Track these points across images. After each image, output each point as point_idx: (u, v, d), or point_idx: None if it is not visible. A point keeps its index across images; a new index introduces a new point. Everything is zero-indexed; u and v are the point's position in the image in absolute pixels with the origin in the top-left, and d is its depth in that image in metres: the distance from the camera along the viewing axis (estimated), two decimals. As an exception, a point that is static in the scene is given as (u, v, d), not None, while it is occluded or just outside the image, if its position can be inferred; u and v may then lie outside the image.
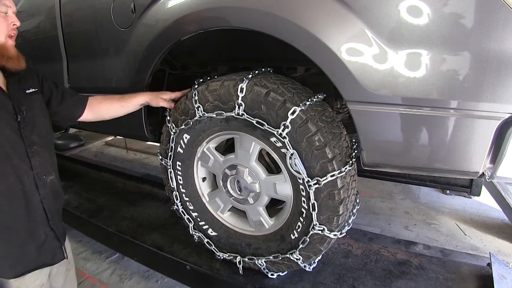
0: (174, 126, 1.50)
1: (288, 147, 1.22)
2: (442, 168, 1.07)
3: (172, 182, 1.64)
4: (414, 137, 1.06)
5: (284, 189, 1.37)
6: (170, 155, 1.57)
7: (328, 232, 1.29)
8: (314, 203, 1.25)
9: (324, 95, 1.31)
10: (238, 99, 1.26)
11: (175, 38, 1.41)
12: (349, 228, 1.41)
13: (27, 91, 1.21)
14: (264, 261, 1.50)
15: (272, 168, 1.46)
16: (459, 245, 2.32)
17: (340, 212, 1.25)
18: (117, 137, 4.68)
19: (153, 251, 1.85)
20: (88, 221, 2.23)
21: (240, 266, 1.58)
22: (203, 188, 1.64)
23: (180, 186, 1.64)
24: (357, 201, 1.49)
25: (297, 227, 1.36)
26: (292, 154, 1.22)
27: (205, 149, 1.52)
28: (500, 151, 0.98)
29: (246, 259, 1.55)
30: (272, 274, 1.53)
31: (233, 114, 1.29)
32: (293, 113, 1.18)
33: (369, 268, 1.60)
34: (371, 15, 1.00)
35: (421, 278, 1.53)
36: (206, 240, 1.67)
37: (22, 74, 1.22)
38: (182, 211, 1.69)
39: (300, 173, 1.23)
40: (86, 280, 2.12)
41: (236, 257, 1.58)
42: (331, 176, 1.19)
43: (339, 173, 1.20)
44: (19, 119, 1.14)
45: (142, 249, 1.91)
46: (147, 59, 1.55)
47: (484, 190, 2.38)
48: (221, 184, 1.53)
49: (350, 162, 1.25)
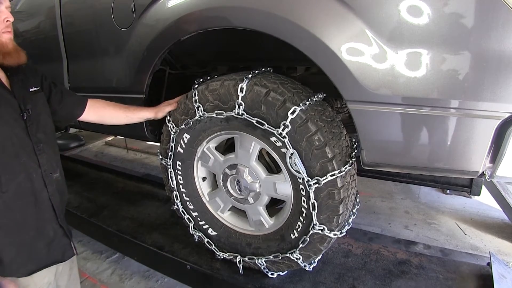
0: (174, 126, 1.50)
1: (288, 147, 1.22)
2: (442, 168, 1.07)
3: (172, 182, 1.64)
4: (414, 137, 1.06)
5: (284, 189, 1.37)
6: (170, 155, 1.57)
7: (328, 232, 1.29)
8: (314, 203, 1.25)
9: (324, 95, 1.31)
10: (238, 99, 1.26)
11: (175, 38, 1.41)
12: (349, 228, 1.41)
13: (31, 90, 1.21)
14: (264, 261, 1.51)
15: (272, 168, 1.47)
16: (459, 245, 2.32)
17: (340, 212, 1.26)
18: (118, 137, 4.68)
19: (154, 251, 1.85)
20: (89, 221, 2.24)
21: (240, 266, 1.58)
22: (203, 188, 1.64)
23: (180, 186, 1.64)
24: (357, 201, 1.49)
25: (297, 227, 1.37)
26: (292, 154, 1.22)
27: (205, 149, 1.52)
28: (500, 151, 0.98)
29: (246, 259, 1.55)
30: (272, 274, 1.53)
31: (233, 114, 1.30)
32: (293, 113, 1.18)
33: (369, 268, 1.60)
34: (371, 15, 1.01)
35: (421, 278, 1.53)
36: (206, 240, 1.67)
37: (25, 73, 1.22)
38: (182, 211, 1.69)
39: (300, 173, 1.23)
40: (87, 280, 2.12)
41: (236, 257, 1.58)
42: (331, 176, 1.19)
43: (339, 173, 1.20)
44: (25, 117, 1.14)
45: (142, 249, 1.91)
46: (147, 59, 1.55)
47: (484, 190, 2.38)
48: (221, 184, 1.53)
49: (350, 162, 1.25)
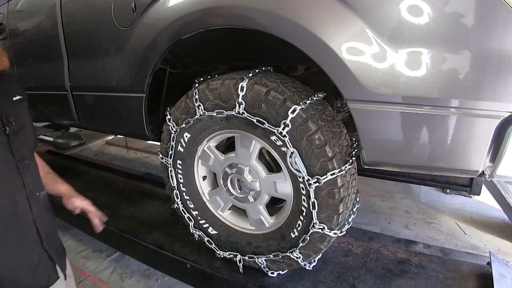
0: (175, 125, 1.50)
1: (288, 146, 1.22)
2: (442, 167, 1.07)
3: (173, 181, 1.64)
4: (414, 136, 1.06)
5: (284, 188, 1.37)
6: (171, 154, 1.57)
7: (328, 231, 1.29)
8: (314, 202, 1.25)
9: (324, 94, 1.31)
10: (239, 98, 1.27)
11: (176, 37, 1.41)
12: (349, 227, 1.41)
13: (14, 99, 1.08)
14: (264, 260, 1.51)
15: (273, 167, 1.47)
16: (459, 244, 2.32)
17: (340, 211, 1.26)
18: (118, 136, 4.68)
19: (154, 250, 1.85)
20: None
21: (240, 265, 1.58)
22: (204, 187, 1.65)
23: (181, 185, 1.64)
24: (357, 200, 1.49)
25: (297, 226, 1.37)
26: (292, 153, 1.23)
27: (206, 148, 1.52)
28: (500, 150, 0.98)
29: (246, 258, 1.56)
30: (272, 273, 1.54)
31: (234, 113, 1.30)
32: (293, 112, 1.18)
33: (369, 267, 1.60)
34: (371, 14, 1.01)
35: (421, 277, 1.53)
36: (207, 239, 1.67)
37: (7, 79, 1.09)
38: (183, 210, 1.69)
39: (300, 172, 1.23)
40: (87, 279, 2.12)
41: (236, 256, 1.58)
42: (331, 175, 1.20)
43: (339, 172, 1.20)
44: (8, 132, 1.01)
45: (143, 248, 1.92)
46: (148, 58, 1.55)
47: (484, 189, 2.38)
48: (222, 183, 1.53)
49: (350, 161, 1.25)
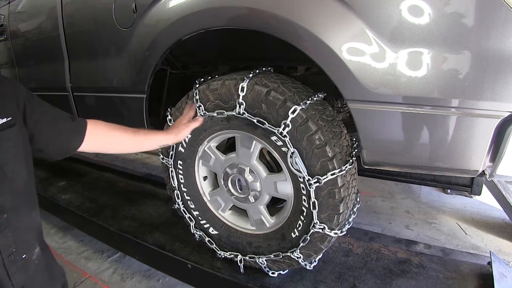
0: (175, 125, 1.50)
1: (289, 146, 1.23)
2: (442, 167, 1.07)
3: (173, 181, 1.64)
4: (414, 136, 1.06)
5: (285, 188, 1.37)
6: (171, 154, 1.58)
7: (329, 231, 1.29)
8: (315, 202, 1.25)
9: (325, 94, 1.31)
10: (239, 98, 1.27)
11: (176, 38, 1.42)
12: (350, 227, 1.41)
13: None
14: (265, 260, 1.51)
15: (273, 167, 1.47)
16: (460, 244, 2.32)
17: (341, 211, 1.26)
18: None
19: (155, 250, 1.85)
20: (90, 220, 2.24)
21: (241, 265, 1.59)
22: (204, 187, 1.65)
23: (181, 185, 1.64)
24: (358, 200, 1.49)
25: (298, 226, 1.37)
26: (293, 153, 1.23)
27: (206, 148, 1.52)
28: (500, 150, 0.98)
29: (247, 258, 1.56)
30: (273, 273, 1.54)
31: (234, 113, 1.30)
32: (294, 112, 1.19)
33: (370, 267, 1.61)
34: (371, 15, 1.01)
35: (422, 277, 1.53)
36: (207, 239, 1.67)
37: None
38: (183, 210, 1.69)
39: (301, 172, 1.23)
40: (88, 279, 2.12)
41: (237, 256, 1.59)
42: (332, 175, 1.20)
43: (340, 172, 1.20)
44: None
45: (144, 248, 1.92)
46: (149, 59, 1.55)
47: (485, 189, 2.38)
48: (222, 183, 1.54)
49: (351, 161, 1.26)
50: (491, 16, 0.90)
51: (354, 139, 1.34)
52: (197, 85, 1.42)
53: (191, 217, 1.69)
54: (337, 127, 1.28)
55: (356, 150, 1.31)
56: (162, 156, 1.63)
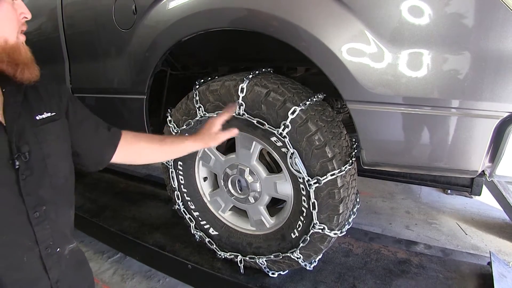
0: (176, 126, 1.51)
1: (289, 147, 1.23)
2: (442, 167, 1.08)
3: (174, 182, 1.65)
4: (414, 136, 1.06)
5: (285, 188, 1.37)
6: (172, 155, 1.58)
7: (329, 231, 1.30)
8: (315, 202, 1.26)
9: (324, 95, 1.32)
10: (239, 99, 1.27)
11: (176, 39, 1.42)
12: (350, 227, 1.42)
13: (38, 117, 0.80)
14: (265, 260, 1.51)
15: (273, 168, 1.47)
16: (460, 245, 2.32)
17: (340, 211, 1.26)
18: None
19: (155, 251, 1.86)
20: (91, 221, 2.24)
21: (241, 265, 1.59)
22: (204, 188, 1.65)
23: (182, 186, 1.65)
24: (357, 200, 1.49)
25: (298, 226, 1.37)
26: (293, 154, 1.23)
27: (206, 149, 1.53)
28: (499, 150, 0.98)
29: (247, 258, 1.56)
30: (273, 273, 1.54)
31: (234, 114, 1.30)
32: (293, 113, 1.19)
33: (370, 267, 1.61)
34: (371, 16, 1.01)
35: (421, 277, 1.53)
36: (207, 240, 1.68)
37: (34, 92, 0.83)
38: (184, 211, 1.69)
39: (301, 172, 1.24)
40: (88, 280, 2.12)
41: (237, 256, 1.59)
42: (331, 175, 1.20)
43: (339, 172, 1.21)
44: (17, 165, 0.72)
45: (144, 249, 1.92)
46: (149, 60, 1.56)
47: (485, 190, 2.38)
48: (222, 184, 1.54)
49: (350, 161, 1.26)
50: (490, 17, 0.90)
51: (354, 140, 1.35)
52: (197, 86, 1.42)
53: (191, 218, 1.69)
54: (337, 128, 1.28)
55: (356, 151, 1.31)
56: (162, 157, 1.64)
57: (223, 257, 1.65)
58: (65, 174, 0.85)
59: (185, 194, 1.66)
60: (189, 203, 1.67)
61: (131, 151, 1.03)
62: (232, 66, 1.91)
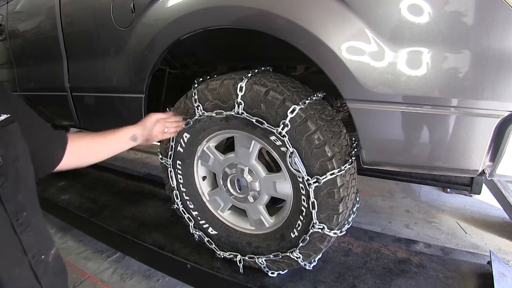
0: (174, 125, 1.50)
1: (288, 146, 1.22)
2: (442, 166, 1.07)
3: (173, 181, 1.64)
4: (414, 135, 1.06)
5: (284, 188, 1.37)
6: (170, 154, 1.57)
7: (328, 231, 1.29)
8: (314, 202, 1.25)
9: (324, 94, 1.31)
10: (238, 98, 1.26)
11: (175, 38, 1.41)
12: (350, 227, 1.41)
13: None
14: (265, 260, 1.51)
15: (272, 167, 1.47)
16: (460, 244, 2.32)
17: (340, 211, 1.26)
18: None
19: (154, 250, 1.85)
20: (89, 221, 2.24)
21: (241, 265, 1.58)
22: (203, 187, 1.65)
23: (181, 185, 1.64)
24: (357, 200, 1.49)
25: (297, 226, 1.37)
26: (292, 153, 1.22)
27: (205, 148, 1.52)
28: (500, 149, 0.98)
29: (247, 258, 1.56)
30: (273, 273, 1.53)
31: (233, 113, 1.30)
32: (293, 112, 1.18)
33: (370, 267, 1.60)
34: (371, 14, 1.00)
35: (421, 276, 1.53)
36: (207, 239, 1.67)
37: None
38: (183, 210, 1.69)
39: (300, 172, 1.23)
40: (88, 279, 2.12)
41: (237, 256, 1.58)
42: (331, 175, 1.19)
43: (339, 172, 1.20)
44: None
45: (143, 248, 1.92)
46: (147, 59, 1.55)
47: (485, 189, 2.37)
48: (221, 183, 1.53)
49: (350, 161, 1.25)
50: (491, 15, 0.90)
51: (354, 139, 1.34)
52: (196, 85, 1.41)
53: (191, 217, 1.69)
54: (336, 127, 1.27)
55: (356, 150, 1.31)
56: (161, 156, 1.63)
57: (223, 257, 1.64)
58: (32, 176, 0.80)
59: (184, 194, 1.65)
60: (188, 203, 1.66)
61: (79, 150, 1.02)
62: (231, 65, 1.90)
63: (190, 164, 1.58)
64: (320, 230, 1.29)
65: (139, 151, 4.42)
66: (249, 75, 1.28)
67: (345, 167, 1.22)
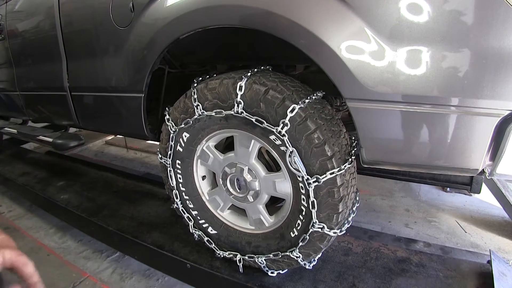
0: (174, 125, 1.50)
1: (287, 145, 1.22)
2: (441, 165, 1.07)
3: (172, 181, 1.64)
4: (413, 134, 1.06)
5: (284, 187, 1.37)
6: (170, 154, 1.57)
7: (328, 230, 1.29)
8: (314, 201, 1.25)
9: (324, 93, 1.31)
10: (237, 97, 1.26)
11: (174, 37, 1.41)
12: (349, 226, 1.41)
13: None
14: (264, 259, 1.51)
15: (272, 166, 1.46)
16: (460, 243, 2.32)
17: (340, 210, 1.25)
18: (117, 136, 4.68)
19: (154, 250, 1.85)
20: (89, 220, 2.24)
21: (240, 264, 1.58)
22: (203, 187, 1.64)
23: (180, 185, 1.64)
24: (357, 199, 1.49)
25: (297, 225, 1.37)
26: (291, 152, 1.22)
27: (205, 148, 1.52)
28: (500, 148, 0.98)
29: (246, 257, 1.55)
30: (272, 272, 1.53)
31: (232, 112, 1.29)
32: (292, 111, 1.18)
33: (369, 266, 1.60)
34: (370, 13, 1.00)
35: (421, 276, 1.53)
36: (206, 239, 1.67)
37: None
38: (182, 210, 1.69)
39: (300, 171, 1.23)
40: (87, 279, 2.12)
41: (236, 255, 1.58)
42: (331, 174, 1.19)
43: (339, 171, 1.20)
44: None
45: (143, 248, 1.92)
46: (146, 58, 1.55)
47: (485, 188, 2.38)
48: (221, 183, 1.53)
49: (350, 160, 1.25)
50: (491, 14, 0.89)
51: (353, 138, 1.34)
52: (195, 84, 1.41)
53: (190, 217, 1.68)
54: (336, 126, 1.27)
55: (355, 149, 1.31)
56: (161, 156, 1.63)
57: (222, 256, 1.64)
58: None
59: (184, 193, 1.65)
60: (188, 202, 1.66)
61: None
62: (231, 64, 1.90)
63: (190, 164, 1.57)
64: (320, 230, 1.29)
65: (139, 151, 4.42)
66: (249, 74, 1.28)
67: (345, 166, 1.22)
